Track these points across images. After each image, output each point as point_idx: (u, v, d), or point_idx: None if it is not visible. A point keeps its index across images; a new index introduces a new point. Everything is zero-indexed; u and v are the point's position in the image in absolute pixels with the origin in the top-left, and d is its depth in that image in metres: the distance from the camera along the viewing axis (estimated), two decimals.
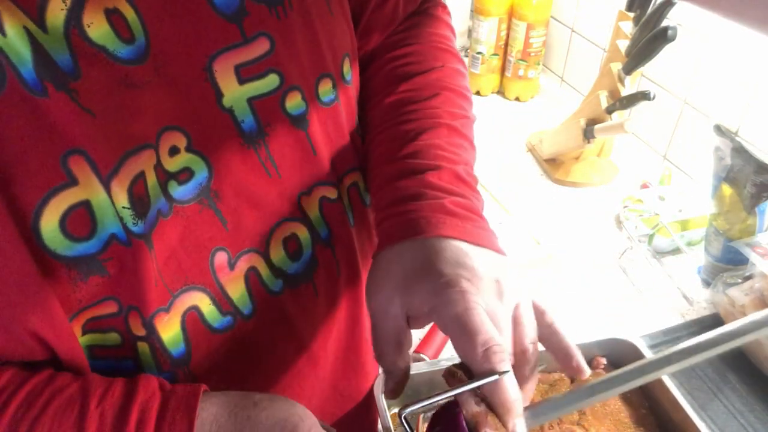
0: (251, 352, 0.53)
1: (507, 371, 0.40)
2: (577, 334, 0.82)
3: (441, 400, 0.42)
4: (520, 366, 0.44)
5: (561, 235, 1.08)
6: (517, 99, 1.52)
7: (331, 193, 0.54)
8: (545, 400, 0.43)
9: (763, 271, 0.84)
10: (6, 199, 0.36)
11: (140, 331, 0.44)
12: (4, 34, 0.34)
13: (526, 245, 1.04)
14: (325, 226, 0.55)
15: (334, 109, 0.52)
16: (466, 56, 1.56)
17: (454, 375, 0.43)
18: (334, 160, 0.54)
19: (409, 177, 0.50)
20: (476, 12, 1.44)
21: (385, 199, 0.51)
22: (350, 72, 0.54)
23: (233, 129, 0.45)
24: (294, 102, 0.48)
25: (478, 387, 0.41)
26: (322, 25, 0.49)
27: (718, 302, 0.90)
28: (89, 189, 0.38)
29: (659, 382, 0.74)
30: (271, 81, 0.46)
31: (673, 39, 0.95)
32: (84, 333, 0.42)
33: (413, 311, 0.45)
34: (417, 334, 0.91)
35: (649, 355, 0.77)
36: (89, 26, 0.37)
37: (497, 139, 1.36)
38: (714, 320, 0.90)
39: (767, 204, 0.89)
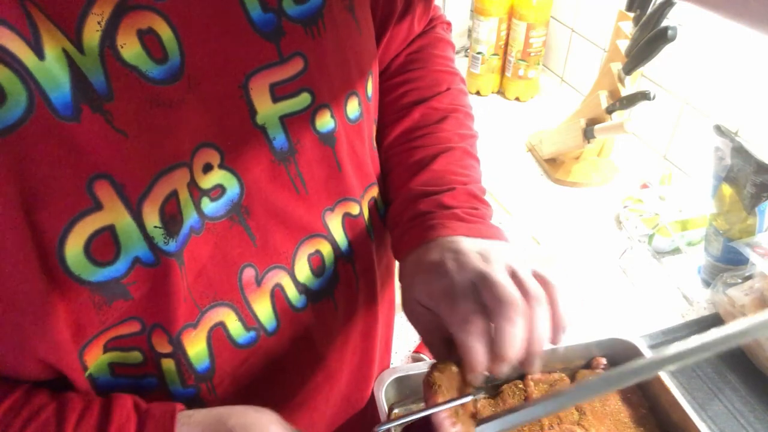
0: (272, 367, 0.53)
1: (478, 395, 0.43)
2: (577, 334, 0.82)
3: (418, 417, 0.43)
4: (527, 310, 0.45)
5: (561, 235, 1.08)
6: (517, 99, 1.52)
7: (354, 209, 0.55)
8: (534, 400, 0.44)
9: (763, 271, 0.84)
10: (30, 225, 0.36)
11: (165, 348, 0.44)
12: (42, 57, 0.34)
13: (526, 245, 1.04)
14: (347, 242, 0.56)
15: (359, 126, 0.53)
16: (466, 56, 1.56)
17: (431, 386, 0.44)
18: (357, 175, 0.55)
19: (426, 198, 0.54)
20: (476, 12, 1.44)
21: (404, 217, 0.55)
22: (371, 89, 0.55)
23: (265, 146, 0.46)
24: (323, 120, 0.49)
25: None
26: (351, 45, 0.50)
27: (718, 302, 0.90)
28: (114, 213, 0.38)
29: (659, 383, 0.74)
30: (303, 99, 0.47)
31: (673, 39, 0.95)
32: (105, 351, 0.42)
33: (426, 303, 0.48)
34: (417, 335, 0.91)
35: (648, 355, 0.77)
36: (122, 47, 0.37)
37: (497, 139, 1.36)
38: (714, 320, 0.90)
39: (767, 204, 0.89)
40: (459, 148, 0.59)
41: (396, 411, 0.73)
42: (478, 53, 1.47)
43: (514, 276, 0.46)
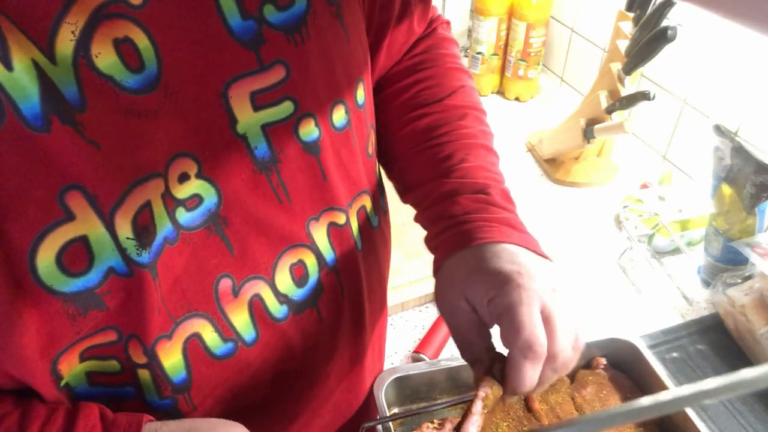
0: (252, 378, 0.53)
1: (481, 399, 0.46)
2: None
3: (402, 417, 0.44)
4: (547, 365, 0.46)
5: (561, 235, 1.08)
6: (517, 99, 1.52)
7: (340, 219, 0.54)
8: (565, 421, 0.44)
9: (763, 271, 0.84)
10: (0, 237, 0.35)
11: (141, 359, 0.44)
12: (10, 69, 0.34)
13: None
14: (332, 251, 0.55)
15: (346, 134, 0.52)
16: (466, 56, 1.56)
17: (482, 402, 0.46)
18: (344, 185, 0.54)
19: (463, 196, 0.54)
20: (476, 12, 1.44)
21: (441, 216, 0.54)
22: (363, 96, 0.54)
23: (246, 155, 0.45)
24: (307, 128, 0.48)
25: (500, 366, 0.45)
26: (338, 52, 0.49)
27: (718, 302, 0.90)
28: (87, 224, 0.38)
29: (659, 383, 0.74)
30: (286, 108, 0.46)
31: (673, 39, 0.95)
32: (82, 360, 0.42)
33: (477, 303, 0.48)
34: (417, 335, 0.91)
35: (648, 355, 0.77)
36: (97, 56, 0.37)
37: (497, 139, 1.35)
38: (714, 320, 0.90)
39: (767, 204, 0.89)
40: (484, 145, 0.59)
41: (395, 411, 0.73)
42: (478, 53, 1.48)
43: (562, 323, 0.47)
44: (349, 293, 0.58)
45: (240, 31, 0.42)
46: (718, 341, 0.88)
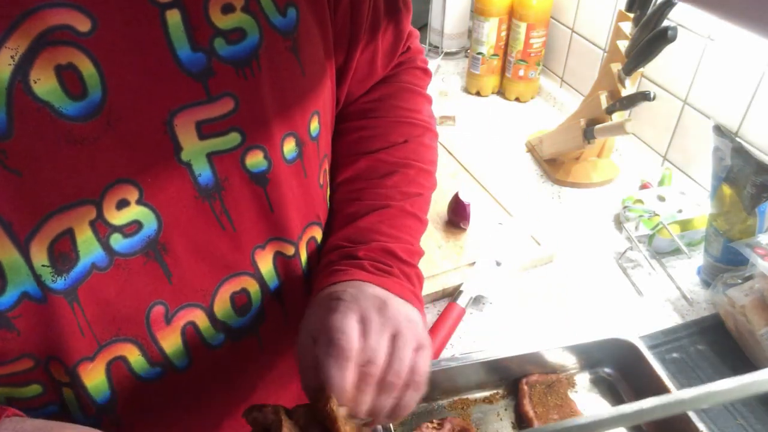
0: (184, 400, 0.52)
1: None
2: (577, 334, 0.82)
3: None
4: (381, 391, 0.45)
5: (561, 236, 1.08)
6: (517, 99, 1.52)
7: (288, 250, 0.54)
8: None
9: (763, 271, 0.84)
10: None
11: (64, 378, 0.44)
12: None
13: (526, 245, 1.04)
14: (276, 279, 0.54)
15: (296, 166, 0.51)
16: (466, 57, 1.56)
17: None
18: (294, 216, 0.53)
19: (339, 250, 0.54)
20: (476, 12, 1.44)
21: (318, 268, 0.55)
22: (318, 128, 0.53)
23: (189, 182, 0.45)
24: (255, 160, 0.47)
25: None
26: (291, 86, 0.48)
27: (718, 303, 0.90)
28: (1, 250, 0.37)
29: (659, 383, 0.74)
30: (233, 138, 0.45)
31: (673, 39, 0.95)
32: None
33: (314, 332, 0.48)
34: None
35: (648, 355, 0.77)
36: (36, 82, 0.36)
37: (497, 140, 1.36)
38: (714, 321, 0.90)
39: (767, 204, 0.89)
40: (396, 206, 0.58)
41: None
42: (478, 54, 1.48)
43: (392, 340, 0.46)
44: (293, 319, 0.57)
45: (189, 63, 0.42)
46: (718, 342, 0.88)
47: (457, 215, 1.04)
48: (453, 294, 0.92)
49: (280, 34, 0.46)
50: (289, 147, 0.50)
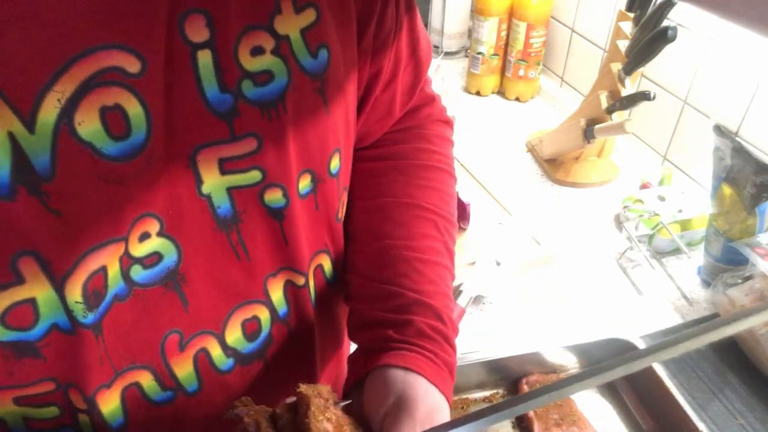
0: (192, 421, 0.52)
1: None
2: (577, 334, 0.82)
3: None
4: None
5: (561, 236, 1.08)
6: (517, 99, 1.52)
7: (299, 280, 0.54)
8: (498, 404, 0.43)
9: (763, 271, 0.84)
10: None
11: (81, 405, 0.44)
12: None
13: (526, 245, 1.04)
14: (285, 306, 0.54)
15: (309, 200, 0.52)
16: (466, 56, 1.56)
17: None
18: (304, 247, 0.53)
19: (430, 319, 0.54)
20: (476, 12, 1.44)
21: (407, 326, 0.53)
22: (338, 165, 0.53)
23: (208, 214, 0.45)
24: (274, 197, 0.48)
25: None
26: (314, 126, 0.48)
27: (718, 302, 0.90)
28: (36, 287, 0.38)
29: (659, 383, 0.74)
30: (253, 176, 0.46)
31: (673, 39, 0.95)
32: (17, 404, 0.42)
33: (371, 415, 0.49)
34: None
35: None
36: (80, 124, 0.36)
37: (497, 140, 1.36)
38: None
39: (767, 204, 0.89)
40: (443, 263, 0.60)
41: None
42: (479, 53, 1.48)
43: None
44: (299, 342, 0.58)
45: (216, 103, 0.42)
46: (718, 341, 0.88)
47: (457, 215, 1.04)
48: (453, 294, 0.92)
49: (308, 76, 0.46)
50: (304, 183, 0.50)
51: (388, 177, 0.62)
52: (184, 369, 0.49)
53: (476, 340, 0.87)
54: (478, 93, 1.53)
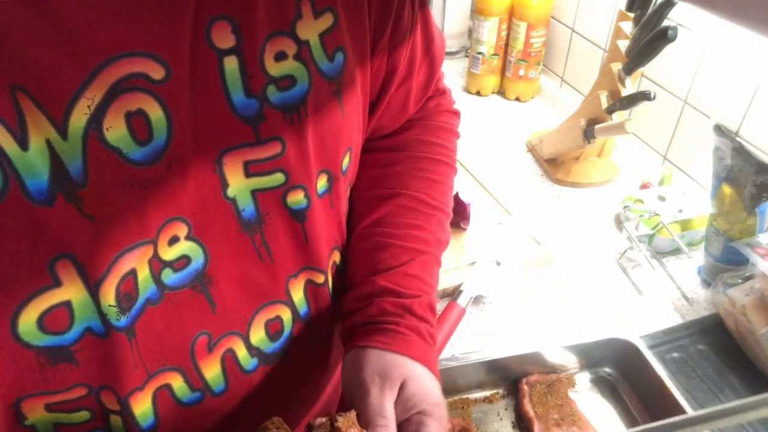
0: (219, 422, 0.53)
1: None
2: (577, 334, 0.82)
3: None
4: None
5: (561, 235, 1.08)
6: (517, 99, 1.52)
7: (318, 278, 0.55)
8: None
9: (763, 271, 0.84)
10: None
11: (114, 407, 0.45)
12: (26, 149, 0.34)
13: (526, 245, 1.04)
14: (306, 305, 0.56)
15: (325, 199, 0.53)
16: (466, 56, 1.56)
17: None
18: (323, 246, 0.55)
19: (392, 297, 0.56)
20: (476, 12, 1.44)
21: (369, 311, 0.56)
22: (348, 162, 0.55)
23: (234, 217, 0.46)
24: (296, 198, 0.49)
25: None
26: (330, 127, 0.50)
27: (718, 302, 0.90)
28: (72, 290, 0.39)
29: (660, 383, 0.74)
30: (277, 178, 0.47)
31: (673, 39, 0.95)
32: (49, 411, 0.43)
33: (369, 387, 0.51)
34: None
35: (648, 355, 0.77)
36: (108, 129, 0.37)
37: (497, 139, 1.36)
38: (714, 320, 0.90)
39: (767, 204, 0.89)
40: (433, 255, 0.61)
41: None
42: (479, 53, 1.48)
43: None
44: (318, 340, 0.59)
45: (242, 108, 0.43)
46: (718, 341, 0.88)
47: (457, 215, 1.04)
48: (453, 294, 0.92)
49: (326, 79, 0.48)
50: (322, 183, 0.52)
51: (392, 169, 0.63)
52: (212, 370, 0.50)
53: (476, 340, 0.87)
54: (478, 93, 1.53)
